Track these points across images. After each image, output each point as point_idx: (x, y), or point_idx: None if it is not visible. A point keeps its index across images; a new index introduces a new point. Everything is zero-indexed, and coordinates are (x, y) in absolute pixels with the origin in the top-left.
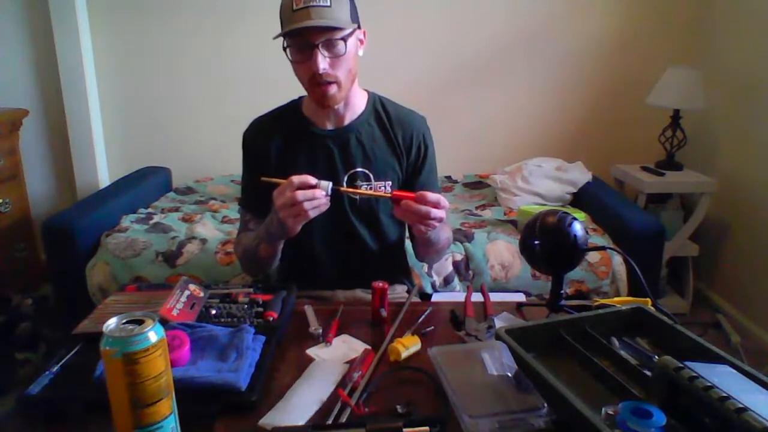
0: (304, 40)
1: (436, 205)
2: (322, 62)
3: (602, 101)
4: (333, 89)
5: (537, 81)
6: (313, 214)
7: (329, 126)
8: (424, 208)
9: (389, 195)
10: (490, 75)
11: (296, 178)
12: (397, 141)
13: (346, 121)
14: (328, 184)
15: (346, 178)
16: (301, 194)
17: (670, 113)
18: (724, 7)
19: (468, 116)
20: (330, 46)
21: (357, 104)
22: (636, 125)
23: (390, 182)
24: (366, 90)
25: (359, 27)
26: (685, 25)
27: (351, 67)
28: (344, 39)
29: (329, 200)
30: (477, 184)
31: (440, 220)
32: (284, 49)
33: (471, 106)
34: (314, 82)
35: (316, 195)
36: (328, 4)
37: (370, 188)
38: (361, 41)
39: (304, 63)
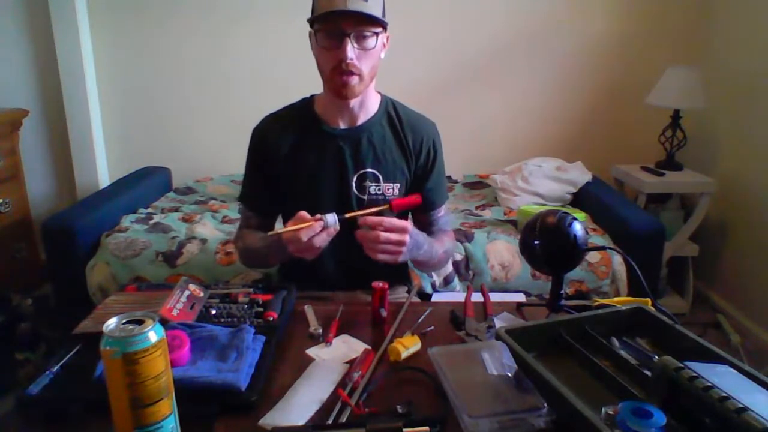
0: (338, 27)
1: (390, 229)
2: (351, 51)
3: (602, 101)
4: (354, 80)
5: (537, 81)
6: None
7: (342, 125)
8: (373, 233)
9: (386, 207)
10: (490, 75)
11: (304, 234)
12: (408, 144)
13: (359, 122)
14: (334, 220)
15: (355, 178)
16: (318, 240)
17: (670, 113)
18: (724, 7)
19: (468, 116)
20: (361, 38)
21: (371, 105)
22: (636, 125)
23: (398, 184)
24: (379, 92)
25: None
26: (685, 25)
27: (374, 65)
28: (376, 34)
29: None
30: (477, 184)
31: (398, 243)
32: (315, 32)
33: (471, 106)
34: (338, 71)
35: (331, 234)
36: None
37: (379, 189)
38: (384, 44)
39: (332, 50)
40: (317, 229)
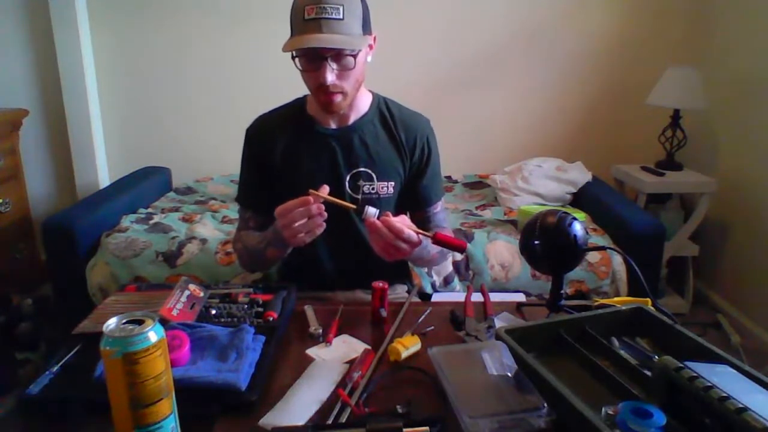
0: (314, 52)
1: (399, 234)
2: (330, 75)
3: (602, 101)
4: (338, 98)
5: (537, 81)
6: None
7: (333, 125)
8: (387, 234)
9: (431, 236)
10: (490, 75)
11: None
12: (401, 142)
13: (350, 121)
14: (375, 212)
15: (348, 178)
16: (298, 215)
17: (670, 113)
18: (724, 7)
19: (468, 116)
20: (339, 59)
21: (361, 105)
22: (636, 125)
23: (393, 183)
24: (370, 91)
25: (371, 34)
26: (685, 25)
27: (359, 77)
28: (354, 55)
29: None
30: (477, 184)
31: (403, 252)
32: (293, 58)
33: (471, 106)
34: (321, 90)
35: (321, 213)
36: (341, 16)
37: (373, 188)
38: (371, 47)
39: (312, 72)
40: (311, 201)
